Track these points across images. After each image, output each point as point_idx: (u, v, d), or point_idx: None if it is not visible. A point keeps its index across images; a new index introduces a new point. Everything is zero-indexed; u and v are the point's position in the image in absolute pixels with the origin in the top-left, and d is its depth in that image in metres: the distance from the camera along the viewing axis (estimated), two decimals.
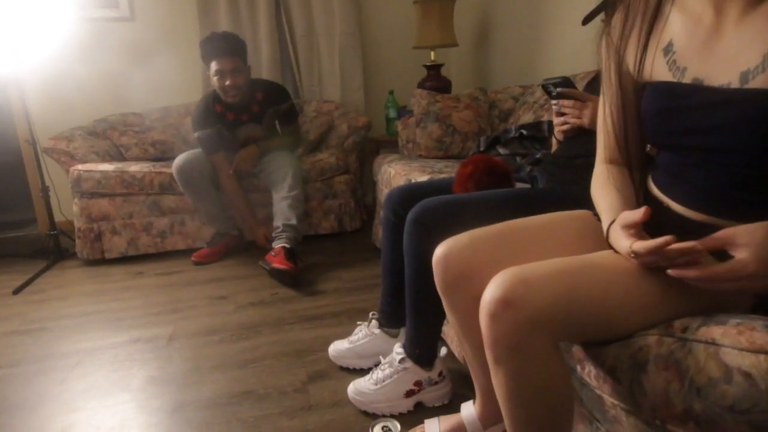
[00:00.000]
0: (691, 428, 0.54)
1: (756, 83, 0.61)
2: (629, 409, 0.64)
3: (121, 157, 2.69)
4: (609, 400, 0.69)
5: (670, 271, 0.62)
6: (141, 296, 2.03)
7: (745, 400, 0.49)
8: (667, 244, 0.59)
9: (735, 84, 0.63)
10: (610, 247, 0.72)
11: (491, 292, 0.66)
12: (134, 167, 2.47)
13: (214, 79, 2.24)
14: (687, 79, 0.69)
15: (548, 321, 0.64)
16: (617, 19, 0.77)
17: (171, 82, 3.03)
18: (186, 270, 2.32)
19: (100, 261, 2.45)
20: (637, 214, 0.66)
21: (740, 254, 0.56)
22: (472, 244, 0.86)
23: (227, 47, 2.22)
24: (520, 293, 0.64)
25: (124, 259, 2.46)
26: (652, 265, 0.64)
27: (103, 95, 2.93)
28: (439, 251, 0.88)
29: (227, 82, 2.22)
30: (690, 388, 0.54)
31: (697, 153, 0.69)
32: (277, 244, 2.16)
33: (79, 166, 2.42)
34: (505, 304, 0.64)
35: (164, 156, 2.71)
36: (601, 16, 1.28)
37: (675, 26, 0.72)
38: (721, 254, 0.59)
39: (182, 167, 2.31)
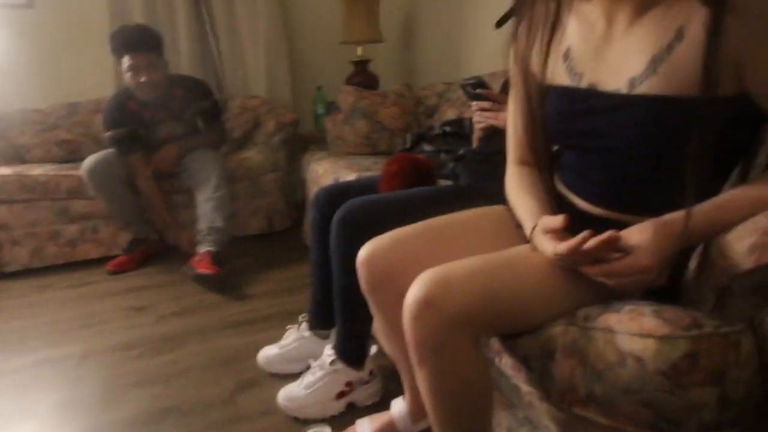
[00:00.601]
0: (593, 410, 0.58)
1: (642, 89, 0.66)
2: (541, 395, 0.68)
3: (20, 160, 2.45)
4: (524, 387, 0.72)
5: (581, 268, 0.66)
6: (48, 312, 1.86)
7: (636, 382, 0.53)
8: (585, 239, 0.62)
9: (624, 89, 0.68)
10: (534, 249, 0.75)
11: (413, 293, 0.67)
12: (37, 170, 2.25)
13: (128, 75, 2.09)
14: (584, 84, 0.73)
15: (469, 319, 0.66)
16: (522, 26, 0.80)
17: (79, 76, 2.79)
18: (100, 280, 2.15)
19: None
20: (557, 221, 0.69)
21: (634, 252, 0.61)
22: (394, 245, 0.87)
23: (141, 41, 2.08)
24: (440, 293, 0.65)
25: (27, 272, 2.24)
26: (576, 266, 0.67)
27: (2, 89, 2.64)
28: (363, 252, 0.88)
29: (142, 78, 2.08)
30: (591, 373, 0.58)
31: (595, 153, 0.74)
32: (202, 248, 2.06)
33: None
34: (427, 304, 0.65)
35: (72, 157, 2.50)
36: (514, 20, 1.33)
37: (572, 33, 0.76)
38: None
39: (93, 169, 2.14)
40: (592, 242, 0.61)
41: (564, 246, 0.64)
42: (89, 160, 2.17)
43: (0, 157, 2.39)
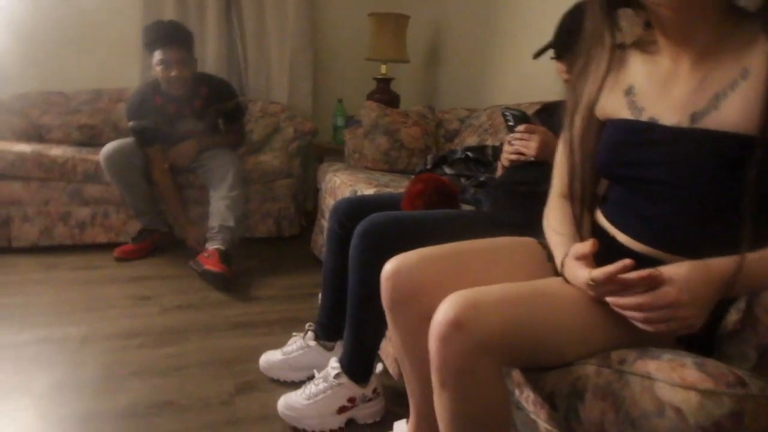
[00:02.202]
0: None
1: (703, 124, 0.67)
2: None
3: (40, 139, 2.46)
4: (543, 425, 0.71)
5: (608, 299, 0.66)
6: (52, 291, 1.85)
7: None
8: (625, 267, 0.61)
9: (685, 123, 0.69)
10: (564, 279, 0.75)
11: (443, 314, 0.67)
12: (56, 151, 2.26)
13: (158, 68, 2.11)
14: (644, 117, 0.75)
15: (496, 345, 0.65)
16: (582, 63, 0.81)
17: (105, 64, 2.82)
18: (106, 266, 2.15)
19: (6, 249, 2.20)
20: (587, 246, 0.69)
21: (665, 284, 0.61)
22: (421, 263, 0.86)
23: (175, 36, 2.11)
24: (470, 317, 0.65)
25: (35, 250, 2.23)
26: (607, 296, 0.66)
27: (27, 69, 2.67)
28: (389, 267, 0.88)
29: (173, 73, 2.10)
30: (625, 419, 0.57)
31: (647, 185, 0.74)
32: (212, 245, 2.06)
33: None
34: (456, 326, 0.65)
35: (90, 142, 2.51)
36: (551, 53, 1.36)
37: (636, 71, 0.78)
38: None
39: (112, 156, 2.15)
40: (632, 275, 0.61)
41: (600, 271, 0.64)
42: (108, 147, 2.18)
43: (20, 134, 2.39)
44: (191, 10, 2.88)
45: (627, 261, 0.62)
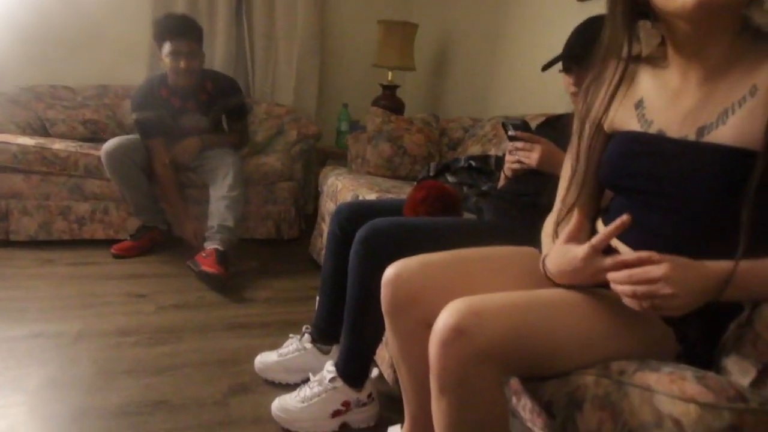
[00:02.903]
0: None
1: (710, 138, 0.68)
2: None
3: (44, 132, 2.46)
4: None
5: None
6: (48, 286, 1.84)
7: None
8: (623, 224, 0.64)
9: (692, 137, 0.70)
10: (547, 277, 0.78)
11: (445, 320, 0.67)
12: (58, 145, 2.26)
13: (167, 59, 2.11)
14: (652, 130, 0.75)
15: (497, 354, 0.65)
16: (595, 73, 0.82)
17: (112, 60, 2.84)
18: (103, 262, 2.14)
19: (3, 243, 2.20)
20: (572, 223, 0.73)
21: (659, 258, 0.62)
22: (423, 269, 0.86)
23: (185, 29, 2.12)
24: (472, 323, 0.65)
25: (32, 244, 2.22)
26: (603, 272, 0.67)
27: (33, 63, 2.67)
28: (390, 272, 0.88)
29: (181, 64, 2.10)
30: (623, 430, 0.57)
31: (651, 197, 0.74)
32: (210, 245, 2.06)
33: None
34: (458, 333, 0.65)
35: (94, 137, 2.51)
36: (559, 65, 1.36)
37: (646, 86, 0.79)
38: None
39: (113, 152, 2.15)
40: (631, 256, 0.64)
41: (599, 235, 0.67)
42: (110, 143, 2.18)
43: (24, 126, 2.39)
44: (202, 10, 2.89)
45: (624, 217, 0.64)
